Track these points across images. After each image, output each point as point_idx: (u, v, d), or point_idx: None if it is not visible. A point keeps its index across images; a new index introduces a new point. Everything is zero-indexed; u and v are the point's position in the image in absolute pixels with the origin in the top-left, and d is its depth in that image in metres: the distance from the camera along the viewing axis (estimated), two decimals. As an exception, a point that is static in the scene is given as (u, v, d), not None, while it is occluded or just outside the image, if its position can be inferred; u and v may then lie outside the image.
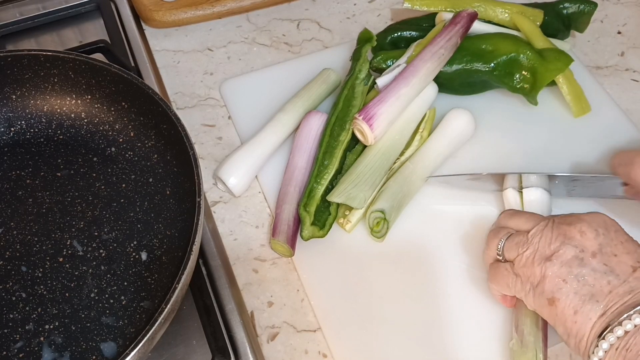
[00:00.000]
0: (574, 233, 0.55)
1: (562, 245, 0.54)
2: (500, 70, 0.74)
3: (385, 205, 0.67)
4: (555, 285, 0.54)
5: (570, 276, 0.53)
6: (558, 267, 0.54)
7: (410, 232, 0.69)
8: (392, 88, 0.70)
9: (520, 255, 0.57)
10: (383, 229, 0.67)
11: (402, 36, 0.80)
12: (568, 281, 0.53)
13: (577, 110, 0.77)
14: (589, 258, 0.53)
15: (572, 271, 0.53)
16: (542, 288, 0.54)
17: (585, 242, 0.54)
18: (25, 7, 0.86)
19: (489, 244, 0.61)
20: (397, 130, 0.71)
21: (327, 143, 0.71)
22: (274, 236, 0.66)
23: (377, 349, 0.62)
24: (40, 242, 0.64)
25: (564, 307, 0.53)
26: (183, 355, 0.61)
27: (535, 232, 0.57)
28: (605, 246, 0.54)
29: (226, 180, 0.70)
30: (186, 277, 0.54)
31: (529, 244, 0.56)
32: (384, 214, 0.66)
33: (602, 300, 0.52)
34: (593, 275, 0.53)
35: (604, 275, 0.52)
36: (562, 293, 0.53)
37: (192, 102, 0.80)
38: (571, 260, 0.54)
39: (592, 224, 0.55)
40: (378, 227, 0.67)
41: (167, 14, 0.85)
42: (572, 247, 0.54)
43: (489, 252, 0.61)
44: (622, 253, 0.54)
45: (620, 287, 0.52)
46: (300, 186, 0.70)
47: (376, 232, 0.67)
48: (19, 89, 0.70)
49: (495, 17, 0.80)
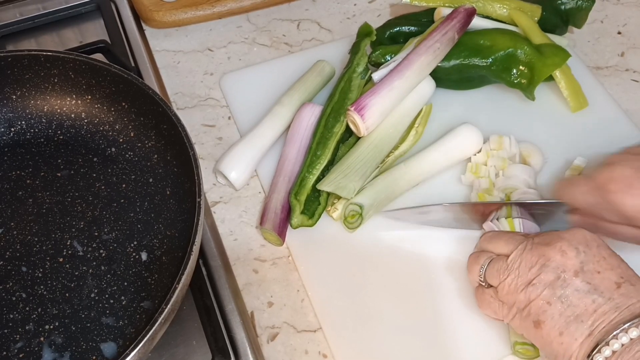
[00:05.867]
0: (553, 253, 0.54)
1: (543, 268, 0.53)
2: (498, 66, 0.74)
3: (366, 201, 0.67)
4: (540, 308, 0.53)
5: (553, 298, 0.52)
6: (541, 290, 0.53)
7: (411, 232, 0.69)
8: (385, 80, 0.71)
9: (502, 283, 0.55)
10: (356, 222, 0.67)
11: (401, 31, 0.80)
12: (552, 303, 0.52)
13: (575, 105, 0.77)
14: (571, 278, 0.52)
15: (555, 293, 0.52)
16: (527, 311, 0.54)
17: (567, 262, 0.53)
18: (26, 7, 0.86)
19: (471, 269, 0.60)
20: (391, 123, 0.72)
21: (321, 134, 0.71)
22: (261, 224, 0.67)
23: (378, 349, 0.62)
24: (40, 242, 0.64)
25: (549, 329, 0.52)
26: (183, 355, 0.61)
27: (514, 258, 0.55)
28: (587, 263, 0.53)
29: (227, 174, 0.70)
30: (186, 277, 0.54)
31: (509, 270, 0.55)
32: (361, 209, 0.66)
33: (587, 320, 0.51)
34: (577, 295, 0.52)
35: (588, 294, 0.51)
36: (547, 315, 0.52)
37: (192, 102, 0.81)
38: (553, 281, 0.53)
39: (572, 241, 0.54)
40: (352, 219, 0.67)
41: (167, 14, 0.85)
42: (552, 269, 0.53)
43: (472, 276, 0.60)
44: (605, 269, 0.52)
45: (605, 305, 0.51)
46: (290, 176, 0.70)
47: (349, 223, 0.67)
48: (19, 89, 0.70)
49: (494, 13, 0.81)
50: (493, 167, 0.70)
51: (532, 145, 0.73)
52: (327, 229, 0.69)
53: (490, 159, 0.71)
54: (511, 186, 0.68)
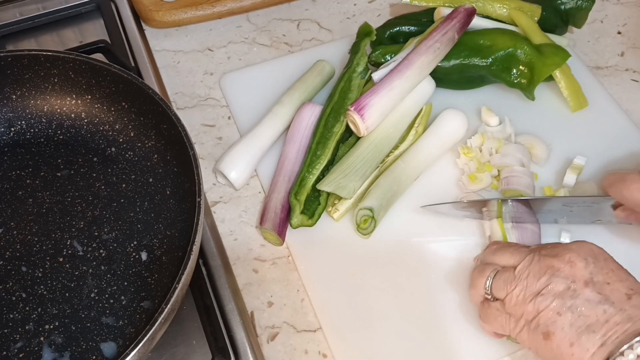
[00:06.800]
0: (562, 264, 0.53)
1: (552, 278, 0.53)
2: (498, 65, 0.74)
3: (375, 203, 0.67)
4: (550, 318, 0.52)
5: (563, 308, 0.51)
6: (551, 300, 0.52)
7: (411, 231, 0.69)
8: (385, 80, 0.71)
9: (510, 294, 0.55)
10: (370, 226, 0.67)
11: (401, 31, 0.80)
12: (562, 313, 0.51)
13: (575, 105, 0.77)
14: (581, 288, 0.52)
15: (565, 303, 0.51)
16: (536, 322, 0.53)
17: (576, 272, 0.52)
18: (25, 7, 0.86)
19: (475, 283, 0.58)
20: (391, 123, 0.72)
21: (321, 134, 0.71)
22: (261, 224, 0.67)
23: (378, 349, 0.62)
24: (40, 242, 0.64)
25: (559, 341, 0.51)
26: (183, 355, 0.61)
27: (521, 269, 0.55)
28: (596, 274, 0.52)
29: (227, 174, 0.70)
30: (186, 277, 0.54)
31: (516, 281, 0.55)
32: (372, 212, 0.66)
33: (598, 330, 0.50)
34: (587, 305, 0.51)
35: (599, 304, 0.51)
36: (557, 326, 0.51)
37: (192, 102, 0.81)
38: (563, 292, 0.52)
39: (580, 253, 0.53)
40: (365, 225, 0.67)
41: (167, 14, 0.85)
42: (562, 279, 0.52)
43: (476, 291, 0.59)
44: (614, 281, 0.52)
45: (617, 316, 0.50)
46: (290, 176, 0.70)
47: (363, 229, 0.67)
48: (19, 89, 0.70)
49: (494, 13, 0.81)
50: (490, 148, 0.72)
51: (533, 137, 0.74)
52: (327, 229, 0.69)
53: (486, 141, 0.72)
54: (506, 164, 0.69)
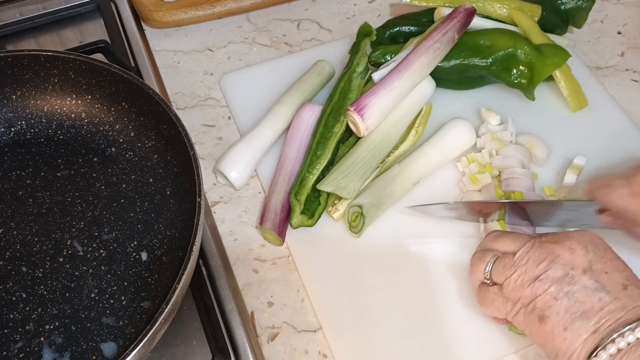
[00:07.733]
0: (562, 251, 0.54)
1: (551, 264, 0.54)
2: (498, 66, 0.74)
3: (365, 200, 0.67)
4: (546, 303, 0.53)
5: (560, 294, 0.53)
6: (548, 286, 0.53)
7: (411, 232, 0.69)
8: (385, 80, 0.71)
9: (508, 279, 0.56)
10: (360, 224, 0.67)
11: (401, 31, 0.81)
12: (559, 298, 0.53)
13: (575, 105, 0.77)
14: (580, 275, 0.53)
15: (562, 289, 0.53)
16: (533, 306, 0.54)
17: (575, 260, 0.53)
18: (25, 7, 0.86)
19: (475, 268, 0.59)
20: (391, 123, 0.72)
21: (321, 134, 0.71)
22: (261, 224, 0.67)
23: (378, 349, 0.62)
24: (40, 242, 0.64)
25: (553, 325, 0.52)
26: (183, 355, 0.61)
27: (521, 254, 0.56)
28: (595, 263, 0.53)
29: (227, 174, 0.70)
30: (186, 277, 0.54)
31: (515, 266, 0.55)
32: (361, 208, 0.66)
33: (592, 317, 0.51)
34: (584, 292, 0.52)
35: (595, 292, 0.52)
36: (553, 310, 0.53)
37: (192, 102, 0.81)
38: (561, 278, 0.53)
39: (581, 241, 0.54)
40: (355, 222, 0.67)
41: (167, 14, 0.85)
42: (561, 265, 0.53)
43: (476, 275, 0.60)
44: (612, 270, 0.53)
45: (611, 304, 0.51)
46: (290, 176, 0.70)
47: (353, 227, 0.67)
48: (19, 89, 0.70)
49: (494, 13, 0.81)
50: (491, 149, 0.72)
51: (533, 137, 0.74)
52: (327, 229, 0.69)
53: (488, 143, 0.72)
54: (507, 166, 0.69)
